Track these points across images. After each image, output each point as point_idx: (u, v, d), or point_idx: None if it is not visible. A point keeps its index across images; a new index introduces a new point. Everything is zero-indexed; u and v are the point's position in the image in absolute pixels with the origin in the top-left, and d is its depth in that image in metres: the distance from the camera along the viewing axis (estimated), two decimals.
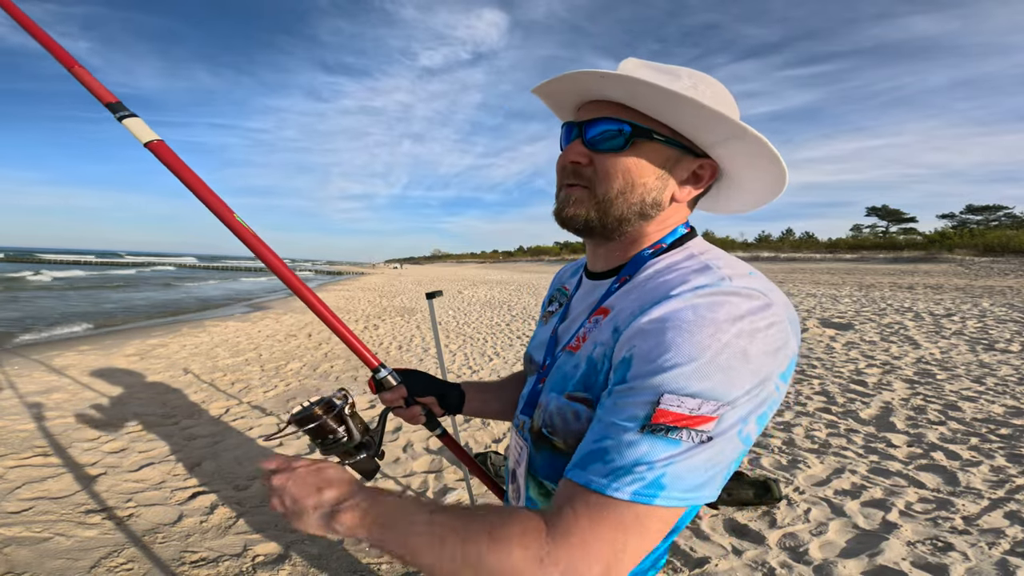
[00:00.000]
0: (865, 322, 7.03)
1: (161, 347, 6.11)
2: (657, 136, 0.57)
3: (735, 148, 0.58)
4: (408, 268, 63.33)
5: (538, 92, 0.66)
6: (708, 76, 0.60)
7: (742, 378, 0.46)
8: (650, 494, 0.45)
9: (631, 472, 0.45)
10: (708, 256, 0.57)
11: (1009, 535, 1.95)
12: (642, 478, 0.45)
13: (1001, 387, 3.89)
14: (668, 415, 0.45)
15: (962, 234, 31.23)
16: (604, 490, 0.46)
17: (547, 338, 0.71)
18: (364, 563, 1.91)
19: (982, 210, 43.10)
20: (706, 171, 0.61)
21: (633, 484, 0.45)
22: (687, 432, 0.45)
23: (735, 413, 0.46)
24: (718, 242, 42.81)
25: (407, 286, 19.04)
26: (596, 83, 0.57)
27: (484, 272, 36.64)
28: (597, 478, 0.46)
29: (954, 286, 12.26)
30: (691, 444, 0.45)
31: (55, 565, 1.83)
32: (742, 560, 1.87)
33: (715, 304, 0.48)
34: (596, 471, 0.47)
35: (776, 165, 0.58)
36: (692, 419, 0.45)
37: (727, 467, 0.47)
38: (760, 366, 0.46)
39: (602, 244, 0.65)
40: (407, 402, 0.84)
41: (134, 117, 0.78)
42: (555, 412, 0.60)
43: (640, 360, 0.48)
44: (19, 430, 3.14)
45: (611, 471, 0.46)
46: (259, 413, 3.67)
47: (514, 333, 7.41)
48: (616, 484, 0.45)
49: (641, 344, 0.49)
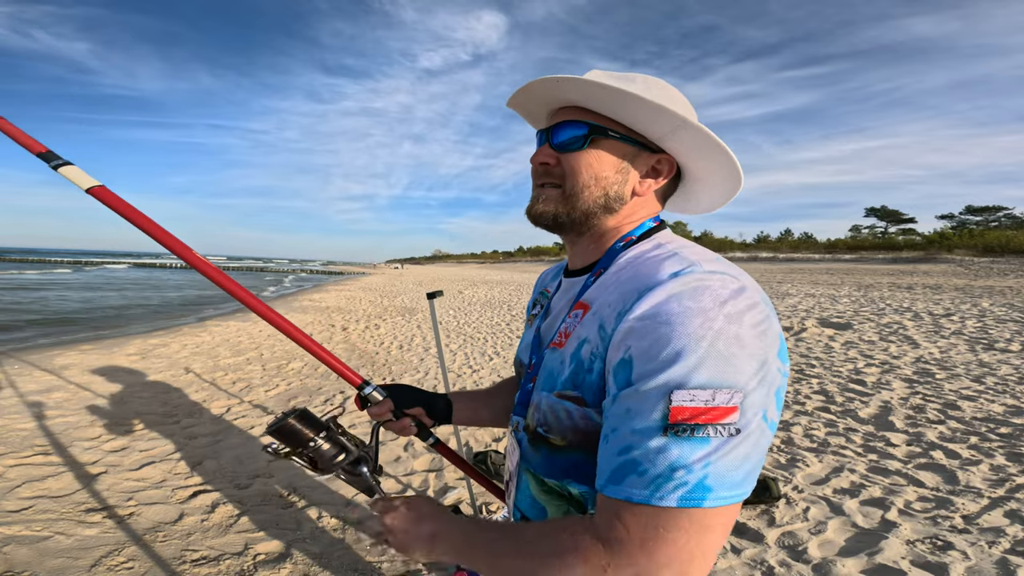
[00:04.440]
0: (864, 322, 7.03)
1: (162, 346, 6.11)
2: (613, 133, 0.62)
3: (683, 140, 0.62)
4: (409, 268, 63.31)
5: (512, 106, 0.71)
6: (661, 80, 0.65)
7: (744, 362, 0.45)
8: (698, 497, 0.43)
9: (671, 479, 0.44)
10: (674, 245, 0.59)
11: (1009, 534, 1.95)
12: (685, 483, 0.44)
13: (1001, 386, 3.89)
14: (684, 411, 0.44)
15: (961, 234, 31.20)
16: (649, 501, 0.44)
17: (532, 339, 0.72)
18: (366, 562, 1.92)
19: (981, 211, 43.08)
20: (664, 165, 0.65)
21: (677, 491, 0.44)
22: (713, 428, 0.44)
23: (753, 399, 0.45)
24: (717, 242, 42.79)
25: (408, 286, 19.04)
26: (556, 89, 0.63)
27: (484, 272, 36.64)
28: (638, 491, 0.45)
29: (953, 286, 12.26)
30: (721, 440, 0.44)
31: (55, 564, 1.83)
32: (741, 559, 1.88)
33: (696, 291, 0.48)
34: (633, 483, 0.46)
35: (725, 155, 0.61)
36: (710, 411, 0.44)
37: (763, 455, 0.47)
38: (756, 348, 0.46)
39: (576, 242, 0.69)
40: (395, 415, 0.85)
41: (70, 165, 0.75)
42: (547, 411, 0.60)
43: (640, 361, 0.48)
44: (19, 429, 3.14)
45: (650, 481, 0.45)
46: (260, 412, 3.67)
47: (514, 333, 7.42)
48: (659, 493, 0.44)
49: (637, 344, 0.48)
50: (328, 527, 2.15)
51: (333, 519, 2.20)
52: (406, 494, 0.66)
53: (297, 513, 2.25)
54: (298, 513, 2.25)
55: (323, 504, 2.32)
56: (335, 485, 2.49)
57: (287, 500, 2.37)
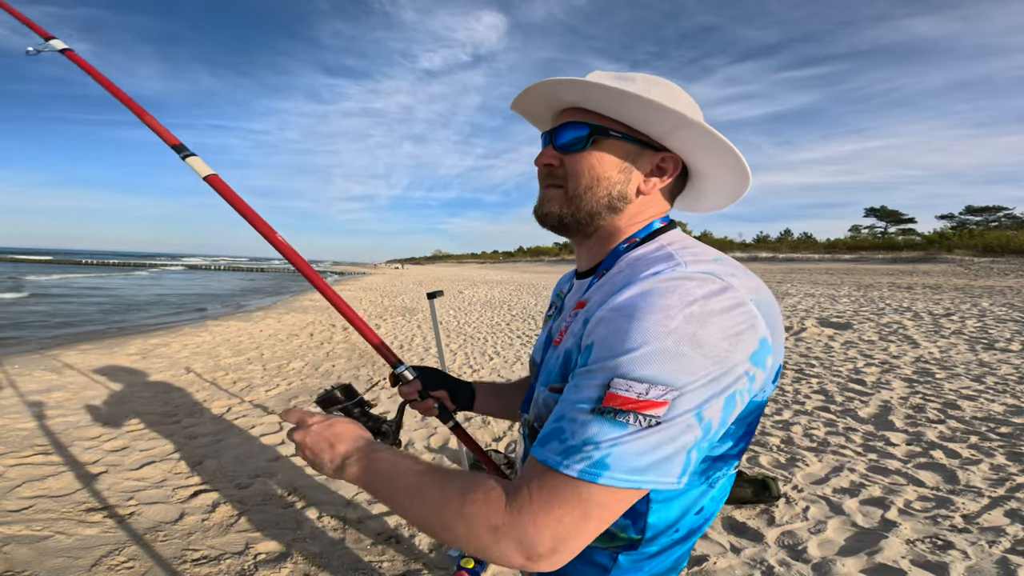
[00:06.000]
0: (864, 322, 7.03)
1: (163, 346, 6.11)
2: (614, 133, 0.62)
3: (686, 137, 0.62)
4: (409, 268, 63.29)
5: (515, 109, 0.72)
6: (663, 79, 0.65)
7: (694, 363, 0.46)
8: (595, 473, 0.46)
9: (580, 451, 0.48)
10: (674, 246, 0.60)
11: (1010, 533, 1.95)
12: (589, 457, 0.47)
13: (1001, 385, 3.89)
14: (617, 399, 0.47)
15: (961, 234, 31.15)
16: (557, 467, 0.48)
17: (544, 339, 0.75)
18: (366, 561, 1.92)
19: (981, 211, 43.03)
20: (668, 163, 0.65)
21: (581, 462, 0.47)
22: (634, 416, 0.46)
23: (689, 399, 0.46)
24: (716, 242, 42.74)
25: (408, 286, 19.04)
26: (557, 91, 0.64)
27: (484, 272, 36.65)
28: (553, 455, 0.49)
29: (953, 286, 12.26)
30: (637, 428, 0.46)
31: (55, 563, 1.83)
32: (740, 558, 1.88)
33: (667, 290, 0.49)
34: (552, 448, 0.50)
35: (728, 151, 0.61)
36: (640, 403, 0.46)
37: (683, 452, 0.48)
38: (715, 351, 0.47)
39: (583, 243, 0.70)
40: (422, 396, 0.90)
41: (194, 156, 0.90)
42: (542, 405, 0.62)
43: (598, 347, 0.50)
44: (20, 428, 3.14)
45: (565, 449, 0.49)
46: (261, 412, 3.67)
47: (514, 333, 7.42)
48: (567, 461, 0.48)
49: (600, 331, 0.51)
50: (328, 527, 2.15)
51: (333, 519, 2.21)
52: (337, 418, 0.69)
53: (297, 513, 2.25)
54: (298, 513, 2.25)
55: (323, 504, 2.33)
56: (336, 485, 2.49)
57: (287, 500, 2.37)
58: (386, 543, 2.04)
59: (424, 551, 1.99)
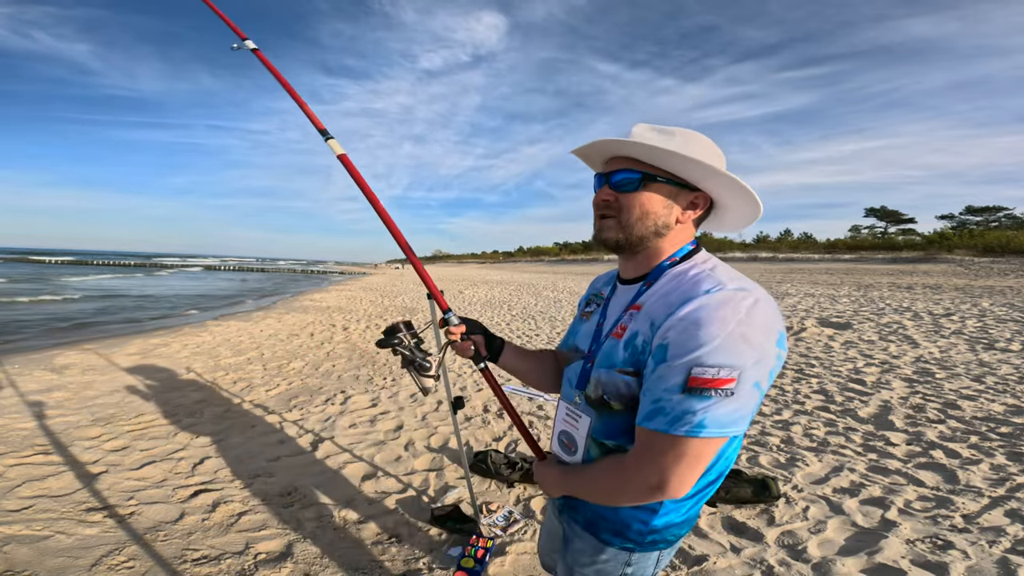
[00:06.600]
0: (863, 322, 7.03)
1: (163, 346, 6.11)
2: (660, 179, 0.82)
3: (716, 182, 0.81)
4: (409, 268, 63.23)
5: (576, 154, 0.92)
6: (697, 133, 0.83)
7: (746, 352, 0.68)
8: (696, 431, 0.69)
9: (682, 419, 0.70)
10: (708, 265, 0.81)
11: (1010, 533, 1.95)
12: (690, 422, 0.69)
13: (1001, 385, 3.89)
14: (699, 380, 0.68)
15: (961, 234, 31.11)
16: (668, 431, 0.71)
17: (592, 330, 0.93)
18: (366, 561, 1.92)
19: (981, 211, 42.97)
20: (700, 199, 0.85)
21: (685, 425, 0.70)
22: (715, 391, 0.68)
23: (749, 374, 0.68)
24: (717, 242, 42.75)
25: (408, 286, 19.02)
26: (614, 146, 0.84)
27: (484, 272, 36.63)
28: (663, 425, 0.71)
29: (953, 286, 12.25)
30: (719, 398, 0.68)
31: (55, 563, 1.83)
32: (740, 558, 1.88)
33: (720, 304, 0.70)
34: (659, 422, 0.72)
35: (748, 193, 0.81)
36: (717, 381, 0.68)
37: (751, 411, 0.71)
38: (757, 343, 0.69)
39: (631, 258, 0.88)
40: (462, 337, 1.09)
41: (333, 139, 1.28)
42: (607, 383, 0.82)
43: (674, 346, 0.71)
44: (20, 428, 3.14)
45: (670, 420, 0.71)
46: (261, 411, 3.67)
47: (514, 332, 7.42)
48: (675, 427, 0.70)
49: (674, 336, 0.71)
50: (328, 527, 2.15)
51: (333, 519, 2.21)
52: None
53: (298, 512, 2.25)
54: (299, 512, 2.25)
55: (323, 504, 2.33)
56: (336, 484, 2.49)
57: (288, 499, 2.37)
58: (386, 543, 2.04)
59: (424, 551, 1.99)
